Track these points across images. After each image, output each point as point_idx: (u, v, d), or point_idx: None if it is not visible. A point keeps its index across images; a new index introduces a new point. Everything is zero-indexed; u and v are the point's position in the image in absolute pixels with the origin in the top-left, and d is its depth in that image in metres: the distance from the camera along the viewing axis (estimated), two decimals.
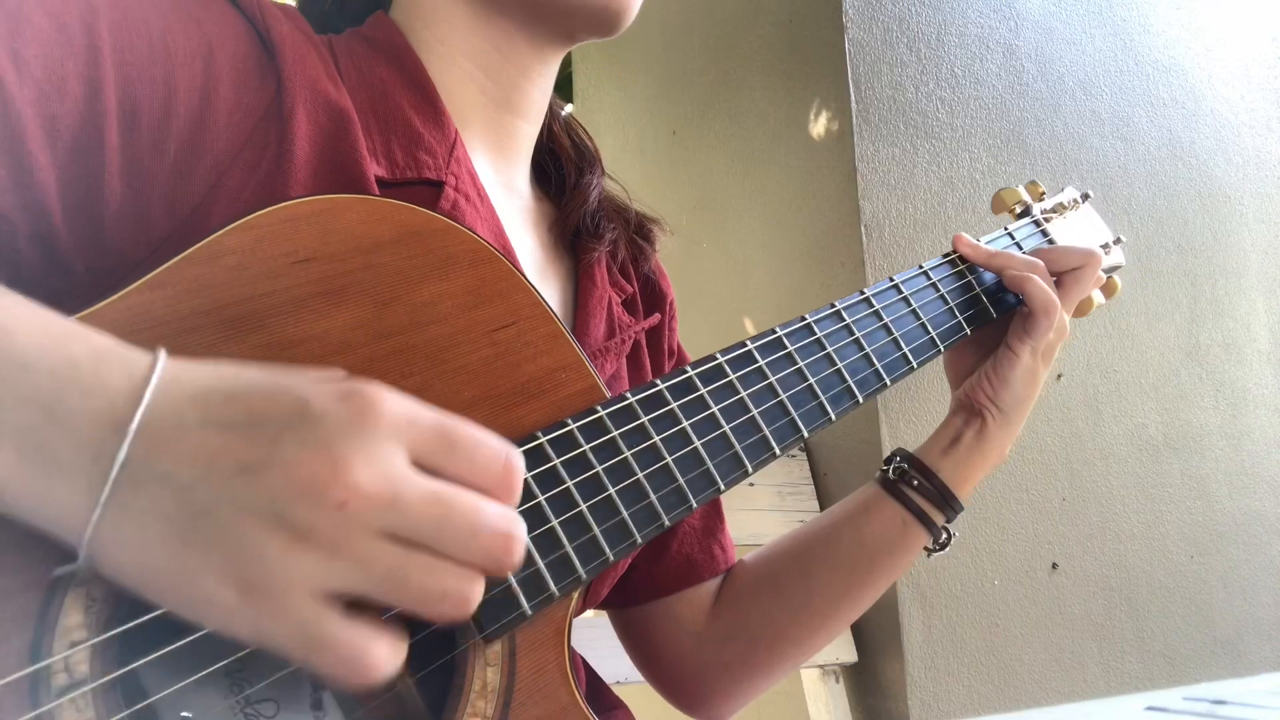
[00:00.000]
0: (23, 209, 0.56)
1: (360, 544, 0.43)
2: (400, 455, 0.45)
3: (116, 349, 0.46)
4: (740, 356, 0.71)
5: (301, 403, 0.44)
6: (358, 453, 0.43)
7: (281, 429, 0.44)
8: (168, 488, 0.43)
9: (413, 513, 0.44)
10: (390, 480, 0.44)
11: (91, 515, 0.43)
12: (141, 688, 0.48)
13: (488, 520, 0.46)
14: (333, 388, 0.45)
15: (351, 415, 0.44)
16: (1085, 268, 0.91)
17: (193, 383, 0.46)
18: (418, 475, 0.45)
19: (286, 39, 0.67)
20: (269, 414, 0.44)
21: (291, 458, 0.43)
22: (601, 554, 0.59)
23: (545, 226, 0.88)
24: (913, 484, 0.89)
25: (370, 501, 0.43)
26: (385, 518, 0.44)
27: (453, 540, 0.45)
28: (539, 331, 0.63)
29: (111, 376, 0.45)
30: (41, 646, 0.45)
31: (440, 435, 0.47)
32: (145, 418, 0.44)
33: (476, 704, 0.57)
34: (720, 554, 0.95)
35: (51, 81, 0.56)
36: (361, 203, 0.58)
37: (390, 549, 0.44)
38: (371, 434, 0.44)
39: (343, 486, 0.43)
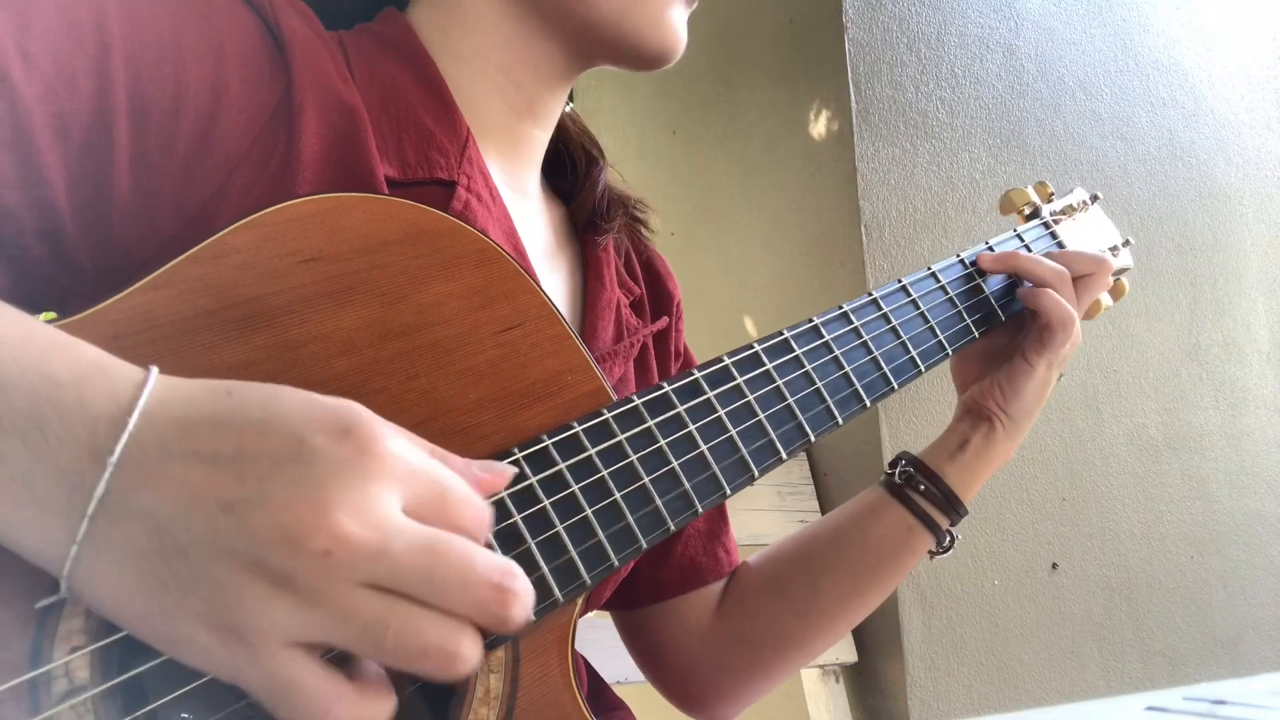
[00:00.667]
0: (31, 206, 0.56)
1: (340, 596, 0.41)
2: (395, 502, 0.43)
3: (102, 365, 0.44)
4: (747, 359, 0.71)
5: (296, 439, 0.42)
6: (348, 499, 0.41)
7: (272, 466, 0.41)
8: (147, 524, 0.41)
9: (400, 563, 0.42)
10: (380, 529, 0.42)
11: (69, 550, 0.41)
12: (143, 693, 0.47)
13: (480, 569, 0.43)
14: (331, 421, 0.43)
15: (348, 456, 0.42)
16: (1096, 275, 0.90)
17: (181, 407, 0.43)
18: (409, 523, 0.43)
19: (297, 36, 0.67)
20: (260, 449, 0.42)
21: (278, 500, 0.41)
22: (607, 559, 0.59)
23: (553, 224, 0.87)
24: (919, 488, 0.89)
25: (356, 552, 0.41)
26: (370, 569, 0.41)
27: (442, 591, 0.43)
28: (546, 333, 0.62)
29: (95, 399, 0.42)
30: (42, 652, 0.44)
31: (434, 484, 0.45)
32: (127, 448, 0.42)
33: (479, 711, 0.56)
34: (724, 557, 0.94)
35: (61, 78, 0.56)
36: (368, 201, 0.58)
37: (371, 601, 0.42)
38: (367, 478, 0.42)
39: (328, 535, 0.40)
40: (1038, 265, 0.88)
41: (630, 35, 0.78)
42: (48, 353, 0.43)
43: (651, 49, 0.79)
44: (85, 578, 0.42)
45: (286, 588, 0.40)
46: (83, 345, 0.45)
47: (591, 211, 0.88)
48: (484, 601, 0.44)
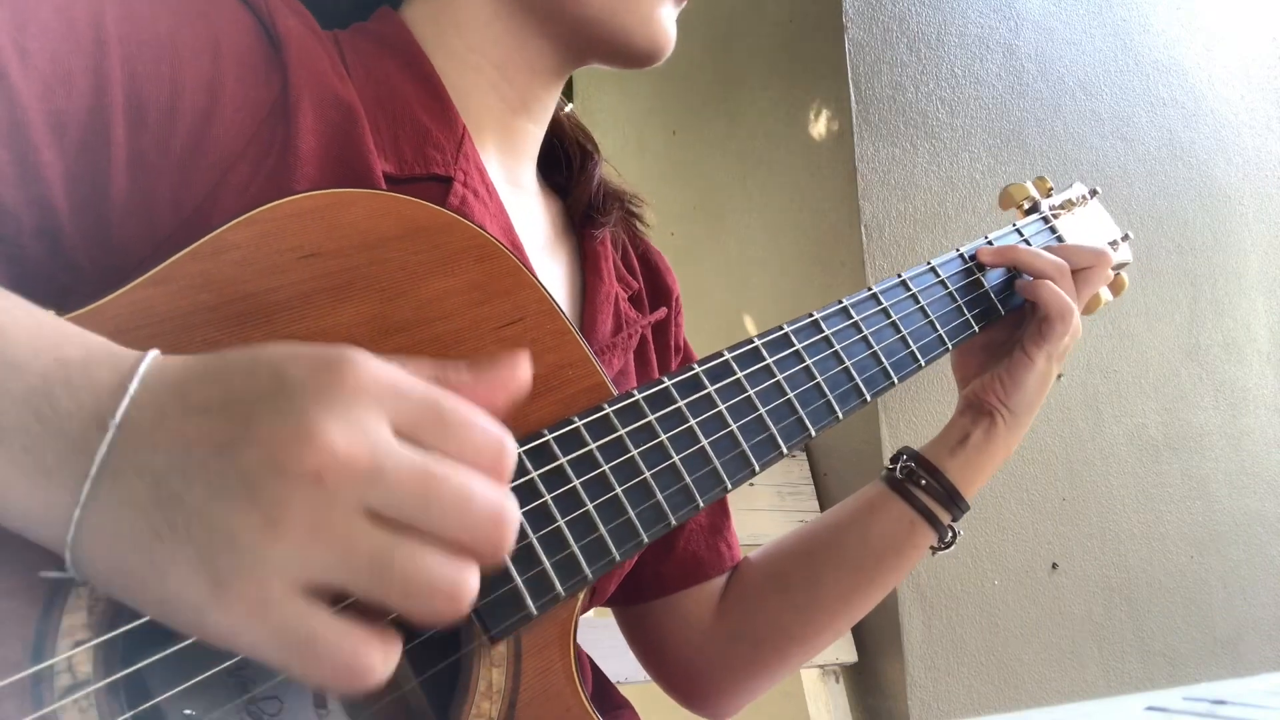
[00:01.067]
0: (28, 204, 0.56)
1: (340, 523, 0.39)
2: (383, 424, 0.41)
3: (109, 348, 0.45)
4: (747, 354, 0.71)
5: (278, 374, 0.42)
6: (334, 419, 0.40)
7: (256, 403, 0.41)
8: (145, 477, 0.41)
9: (396, 486, 0.40)
10: (371, 448, 0.40)
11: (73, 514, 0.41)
12: (145, 688, 0.47)
13: (479, 498, 0.42)
14: (312, 355, 0.42)
15: (331, 382, 0.41)
16: (1095, 268, 0.90)
17: (176, 371, 0.44)
18: (402, 446, 0.42)
19: (293, 34, 0.67)
20: (245, 390, 0.41)
21: (264, 433, 0.40)
22: (608, 553, 0.59)
23: (550, 218, 0.88)
24: (920, 484, 0.89)
25: (348, 471, 0.39)
26: (366, 491, 0.40)
27: (441, 519, 0.41)
28: (545, 328, 0.62)
29: (100, 373, 0.43)
30: (44, 647, 0.44)
31: (430, 408, 0.43)
32: (128, 411, 0.42)
33: (482, 705, 0.56)
34: (726, 551, 0.94)
35: (58, 76, 0.56)
36: (367, 197, 0.58)
37: (373, 531, 0.40)
38: (351, 400, 0.41)
39: (317, 453, 0.39)
40: (1037, 258, 0.89)
41: (620, 33, 0.79)
42: (60, 339, 0.44)
43: (640, 46, 0.80)
44: (88, 544, 0.41)
45: (283, 521, 0.39)
46: (88, 334, 0.46)
47: (588, 205, 0.89)
48: (483, 531, 0.42)
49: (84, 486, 0.41)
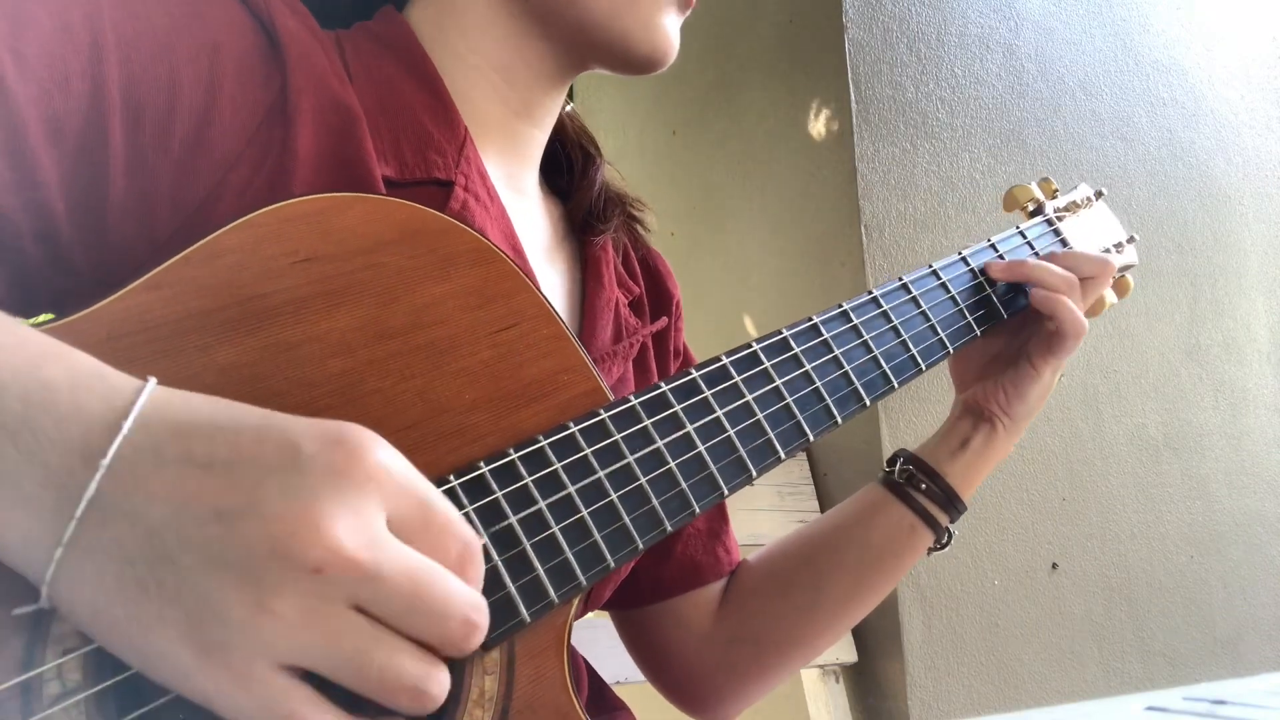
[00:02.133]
0: (26, 208, 0.55)
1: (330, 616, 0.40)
2: (383, 519, 0.42)
3: (99, 373, 0.44)
4: (745, 358, 0.70)
5: (290, 445, 0.41)
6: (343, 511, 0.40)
7: (265, 474, 0.41)
8: (137, 527, 0.40)
9: (389, 588, 0.41)
10: (373, 548, 0.41)
11: (54, 553, 0.40)
12: (137, 696, 0.47)
13: (457, 606, 0.44)
14: (325, 430, 0.42)
15: (342, 464, 0.41)
16: (1099, 277, 0.89)
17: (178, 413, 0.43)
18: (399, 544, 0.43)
19: (293, 35, 0.66)
20: (255, 456, 0.41)
21: (270, 510, 0.40)
22: (602, 560, 0.58)
23: (552, 223, 0.87)
24: (920, 487, 0.89)
25: (349, 569, 0.40)
26: (360, 590, 0.41)
27: (423, 622, 0.43)
28: (542, 333, 0.62)
29: (90, 403, 0.42)
30: (34, 655, 0.44)
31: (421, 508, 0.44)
32: (121, 450, 0.41)
33: (474, 712, 0.56)
34: (725, 556, 0.94)
35: (54, 79, 0.55)
36: (362, 202, 0.58)
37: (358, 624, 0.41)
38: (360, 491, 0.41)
39: (321, 547, 0.39)
40: (1049, 274, 0.87)
41: (621, 39, 0.78)
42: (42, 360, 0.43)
43: (642, 53, 0.79)
44: (67, 583, 0.41)
45: (275, 604, 0.39)
46: (79, 354, 0.45)
47: (589, 210, 0.88)
48: (453, 635, 0.44)
49: (68, 526, 0.40)
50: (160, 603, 0.39)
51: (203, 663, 0.39)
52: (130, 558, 0.40)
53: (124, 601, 0.40)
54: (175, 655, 0.40)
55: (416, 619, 0.43)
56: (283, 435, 0.42)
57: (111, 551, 0.40)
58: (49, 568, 0.40)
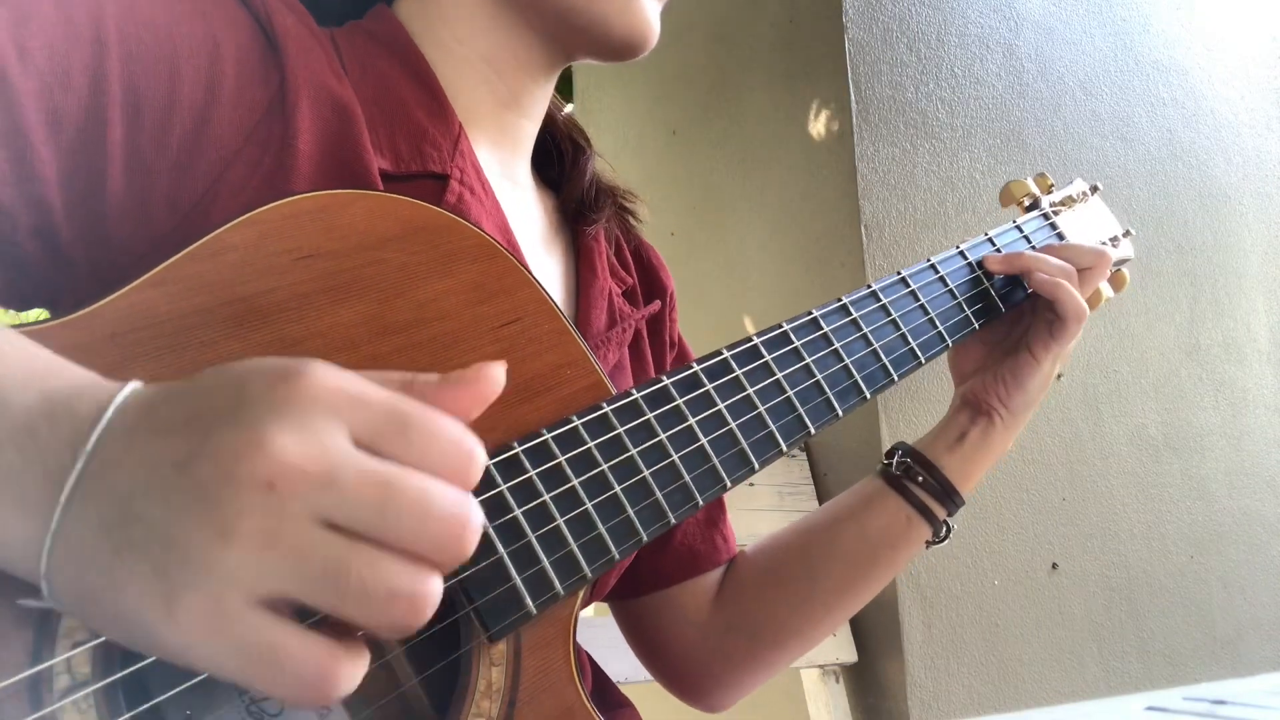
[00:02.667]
0: (24, 203, 0.56)
1: (292, 532, 0.39)
2: (340, 433, 0.41)
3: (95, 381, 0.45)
4: (746, 352, 0.71)
5: (237, 388, 0.41)
6: (287, 429, 0.39)
7: (214, 419, 0.40)
8: (112, 499, 0.40)
9: (352, 494, 0.40)
10: (325, 456, 0.40)
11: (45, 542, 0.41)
12: (145, 688, 0.47)
13: (439, 504, 0.41)
14: (270, 367, 0.42)
15: (287, 392, 0.41)
16: (1096, 269, 0.90)
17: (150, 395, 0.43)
18: (358, 453, 0.41)
19: (290, 33, 0.67)
20: (206, 407, 0.41)
21: (219, 446, 0.39)
22: (607, 552, 0.59)
23: (544, 214, 0.88)
24: (918, 480, 0.89)
25: (301, 479, 0.39)
26: (320, 500, 0.39)
27: (398, 527, 0.40)
28: (543, 328, 0.62)
29: (81, 405, 0.43)
30: (43, 648, 0.44)
31: (392, 415, 0.42)
32: (101, 438, 0.41)
33: (481, 704, 0.56)
34: (723, 544, 0.95)
35: (56, 74, 0.56)
36: (365, 198, 0.58)
37: (328, 539, 0.39)
38: (307, 409, 0.40)
39: (268, 461, 0.38)
40: (1044, 263, 0.88)
41: (599, 22, 0.79)
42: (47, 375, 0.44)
43: (619, 36, 0.80)
44: (57, 569, 0.41)
45: (235, 531, 0.38)
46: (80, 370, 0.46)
47: (580, 200, 0.89)
48: (443, 538, 0.41)
49: (54, 515, 0.41)
50: (129, 560, 0.39)
51: (172, 611, 0.38)
52: (106, 527, 0.40)
53: (100, 569, 0.40)
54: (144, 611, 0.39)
55: (392, 523, 0.40)
56: (231, 381, 0.42)
57: (90, 527, 0.40)
58: (42, 560, 0.41)
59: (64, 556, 0.41)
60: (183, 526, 0.39)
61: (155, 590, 0.38)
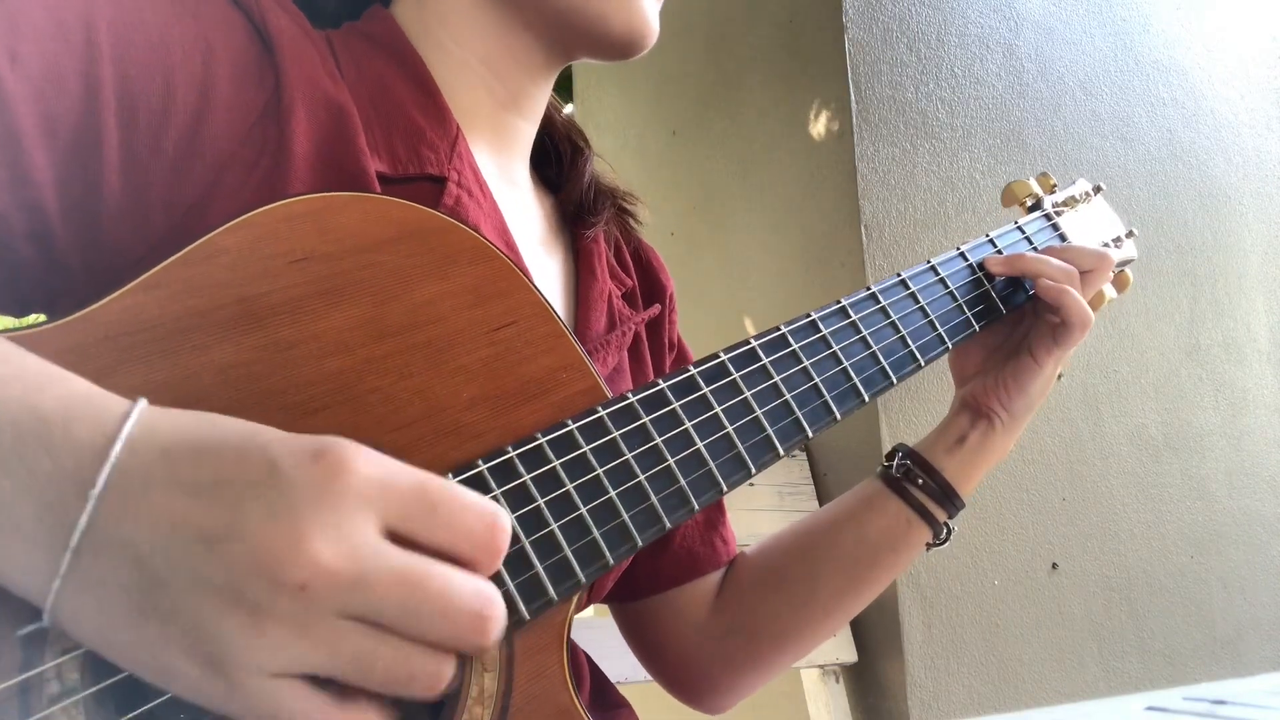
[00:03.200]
0: (19, 208, 0.55)
1: (323, 628, 0.41)
2: (370, 526, 0.43)
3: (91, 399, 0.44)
4: (744, 355, 0.70)
5: (270, 464, 0.42)
6: (323, 526, 0.41)
7: (245, 492, 0.41)
8: (127, 556, 0.41)
9: (378, 595, 0.42)
10: (356, 559, 0.41)
11: (53, 584, 0.41)
12: (136, 694, 0.47)
13: (459, 600, 0.43)
14: (304, 446, 0.43)
15: (321, 480, 0.42)
16: (1098, 270, 0.89)
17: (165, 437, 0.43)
18: (387, 549, 0.43)
19: (285, 35, 0.67)
20: (236, 476, 0.42)
21: (252, 530, 0.40)
22: (601, 557, 0.58)
23: (543, 215, 0.87)
24: (917, 483, 0.89)
25: (333, 582, 0.41)
26: (349, 600, 0.41)
27: (419, 623, 0.43)
28: (540, 331, 0.62)
29: (81, 431, 0.42)
30: (33, 655, 0.44)
31: (419, 498, 0.44)
32: (111, 478, 0.41)
33: (474, 710, 0.56)
34: (722, 547, 0.94)
35: (49, 79, 0.55)
36: (359, 201, 0.58)
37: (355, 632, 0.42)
38: (340, 502, 0.42)
39: (304, 566, 0.40)
40: (1047, 265, 0.87)
41: (598, 21, 0.79)
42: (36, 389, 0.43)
43: (619, 34, 0.80)
44: (69, 611, 0.42)
45: (266, 621, 0.40)
46: (73, 379, 0.45)
47: (579, 201, 0.89)
48: (463, 631, 0.44)
49: (63, 559, 0.41)
50: (159, 625, 0.41)
51: (208, 675, 0.41)
52: (125, 586, 0.41)
53: (126, 627, 0.41)
54: (183, 670, 0.41)
55: (416, 620, 0.43)
56: (263, 453, 0.43)
57: (107, 580, 0.41)
58: (49, 598, 0.41)
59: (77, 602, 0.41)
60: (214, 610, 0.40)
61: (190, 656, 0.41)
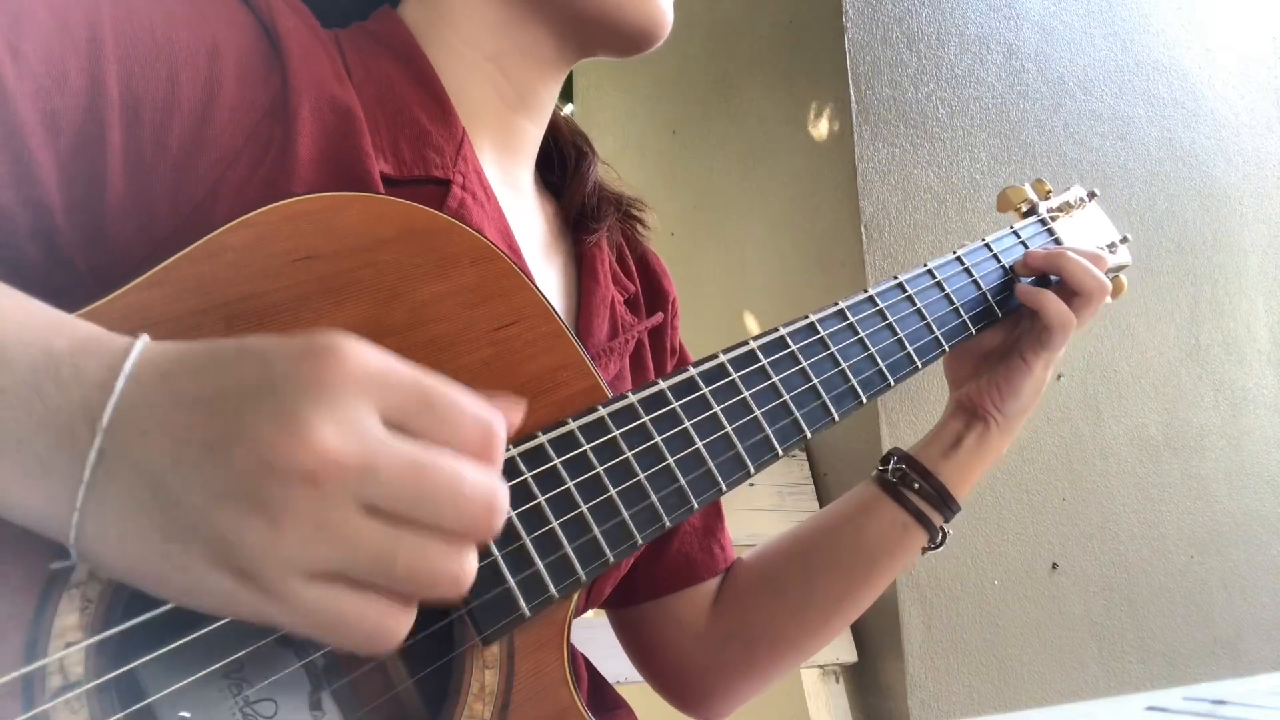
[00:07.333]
0: (23, 205, 0.56)
1: (341, 522, 0.41)
2: (371, 415, 0.42)
3: (99, 338, 0.45)
4: (742, 356, 0.71)
5: (264, 367, 0.42)
6: (323, 416, 0.41)
7: (243, 399, 0.41)
8: (142, 478, 0.41)
9: (389, 481, 0.42)
10: (362, 445, 0.41)
11: (72, 515, 0.42)
12: (139, 688, 0.48)
13: (470, 486, 0.44)
14: (298, 345, 0.43)
15: (316, 373, 0.41)
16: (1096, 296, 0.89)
17: (166, 362, 0.44)
18: (392, 438, 0.43)
19: (292, 34, 0.66)
20: (234, 384, 0.42)
21: (254, 430, 0.40)
22: (602, 555, 0.59)
23: (546, 219, 0.87)
24: (913, 487, 0.89)
25: (342, 471, 0.40)
26: (360, 488, 0.41)
27: (434, 510, 0.43)
28: (540, 330, 0.62)
29: (88, 366, 0.43)
30: (37, 647, 0.44)
31: (417, 394, 0.44)
32: (119, 405, 0.42)
33: (474, 706, 0.57)
34: (720, 553, 0.94)
35: (52, 76, 0.55)
36: (362, 200, 0.58)
37: (374, 528, 0.42)
38: (338, 393, 0.41)
39: (309, 454, 0.40)
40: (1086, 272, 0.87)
41: (611, 13, 0.79)
42: (48, 331, 0.45)
43: (634, 25, 0.79)
44: (92, 538, 0.42)
45: (286, 522, 0.40)
46: (80, 322, 0.46)
47: (582, 207, 0.88)
48: (476, 517, 0.44)
49: (79, 490, 0.42)
50: (182, 543, 0.41)
51: (243, 585, 0.41)
52: (144, 507, 0.41)
53: (151, 548, 0.42)
54: (216, 585, 0.41)
55: (429, 506, 0.43)
56: (256, 358, 0.43)
57: (126, 502, 0.42)
58: (70, 531, 0.42)
59: (98, 529, 0.42)
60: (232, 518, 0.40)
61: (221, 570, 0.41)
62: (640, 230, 0.96)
